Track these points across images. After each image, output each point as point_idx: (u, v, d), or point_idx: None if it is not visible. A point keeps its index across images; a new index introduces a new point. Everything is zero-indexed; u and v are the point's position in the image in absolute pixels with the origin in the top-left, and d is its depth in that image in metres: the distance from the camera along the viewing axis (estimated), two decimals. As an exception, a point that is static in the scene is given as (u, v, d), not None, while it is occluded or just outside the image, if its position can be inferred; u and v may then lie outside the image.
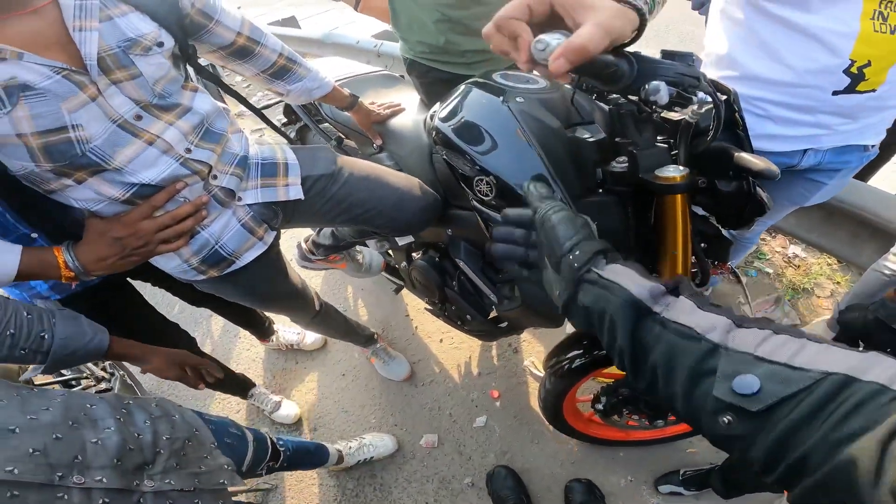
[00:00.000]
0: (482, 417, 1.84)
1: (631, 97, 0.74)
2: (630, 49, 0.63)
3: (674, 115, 0.77)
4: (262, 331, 1.98)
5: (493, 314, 1.39)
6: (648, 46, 0.89)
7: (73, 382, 1.32)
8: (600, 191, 0.90)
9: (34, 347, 0.81)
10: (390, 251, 1.70)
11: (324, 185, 1.16)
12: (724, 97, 0.75)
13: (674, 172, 0.74)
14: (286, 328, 2.13)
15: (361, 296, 2.39)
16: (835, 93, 1.04)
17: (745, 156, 0.75)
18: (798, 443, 0.33)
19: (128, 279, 1.31)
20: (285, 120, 1.83)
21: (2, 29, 0.72)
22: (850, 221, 1.92)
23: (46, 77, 0.74)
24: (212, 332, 2.33)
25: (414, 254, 1.50)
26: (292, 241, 1.98)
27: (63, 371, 1.27)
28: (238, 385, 1.83)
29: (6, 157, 0.78)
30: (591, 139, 0.88)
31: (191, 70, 1.01)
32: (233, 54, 1.04)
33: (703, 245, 0.92)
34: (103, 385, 1.35)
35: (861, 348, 0.35)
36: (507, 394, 1.89)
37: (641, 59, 0.61)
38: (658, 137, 0.80)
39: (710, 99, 0.73)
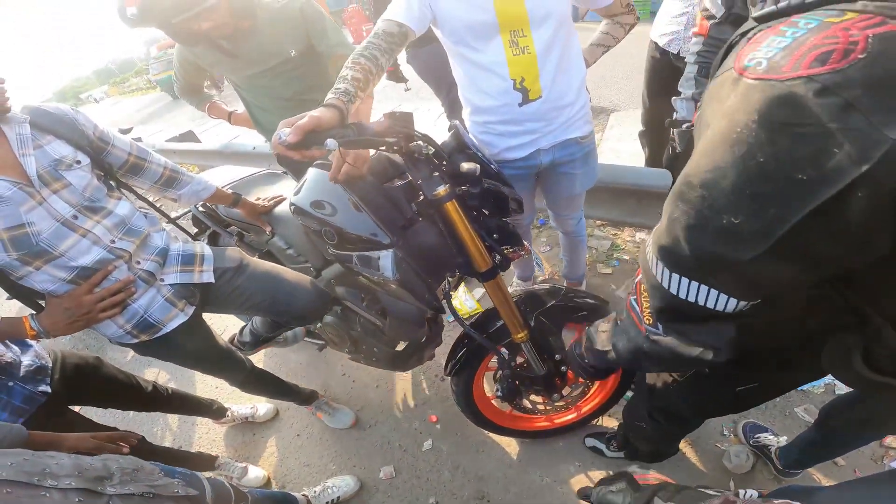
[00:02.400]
0: (428, 441, 2.03)
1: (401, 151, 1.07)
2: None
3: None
4: (213, 412, 2.16)
5: (399, 346, 1.66)
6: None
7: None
8: (420, 219, 1.21)
9: None
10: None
11: (231, 275, 1.49)
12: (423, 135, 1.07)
13: (440, 188, 1.08)
14: (239, 406, 2.31)
15: (299, 369, 2.60)
16: (520, 104, 1.40)
17: (462, 165, 1.11)
18: None
19: (69, 407, 1.54)
20: (196, 230, 2.11)
21: None
22: (654, 200, 2.42)
23: (8, 189, 1.08)
24: (170, 425, 2.47)
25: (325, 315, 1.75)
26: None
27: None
28: (199, 463, 1.99)
29: None
30: (399, 185, 1.22)
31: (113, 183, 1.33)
32: (129, 171, 1.36)
33: (496, 236, 1.23)
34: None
35: None
36: (444, 416, 2.10)
37: (361, 126, 0.94)
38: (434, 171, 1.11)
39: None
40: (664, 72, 2.26)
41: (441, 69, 3.33)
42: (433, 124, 5.59)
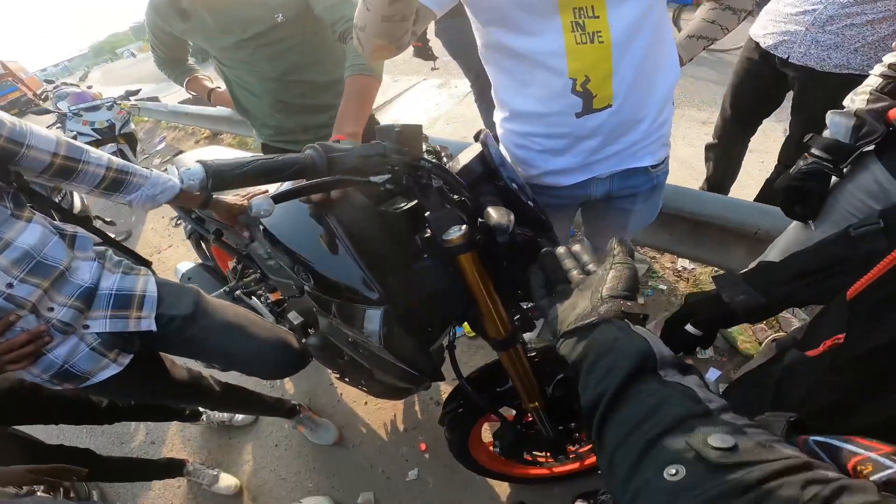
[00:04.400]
0: (414, 470, 1.85)
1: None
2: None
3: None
4: (186, 417, 1.99)
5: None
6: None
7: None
8: (425, 256, 0.92)
9: None
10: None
11: (181, 324, 1.20)
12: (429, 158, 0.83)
13: (455, 234, 0.78)
14: (215, 407, 2.13)
15: (284, 372, 2.39)
16: (577, 115, 1.01)
17: (488, 210, 0.82)
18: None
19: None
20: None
21: None
22: (712, 230, 1.93)
23: None
24: (142, 424, 2.31)
25: (309, 329, 1.48)
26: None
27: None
28: (166, 469, 1.84)
29: None
30: (400, 208, 0.93)
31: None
32: (56, 175, 1.03)
33: (519, 292, 0.96)
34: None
35: None
36: (434, 445, 1.91)
37: (331, 154, 0.72)
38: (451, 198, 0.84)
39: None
40: (764, 80, 1.85)
41: (473, 46, 3.03)
42: (458, 102, 5.25)
